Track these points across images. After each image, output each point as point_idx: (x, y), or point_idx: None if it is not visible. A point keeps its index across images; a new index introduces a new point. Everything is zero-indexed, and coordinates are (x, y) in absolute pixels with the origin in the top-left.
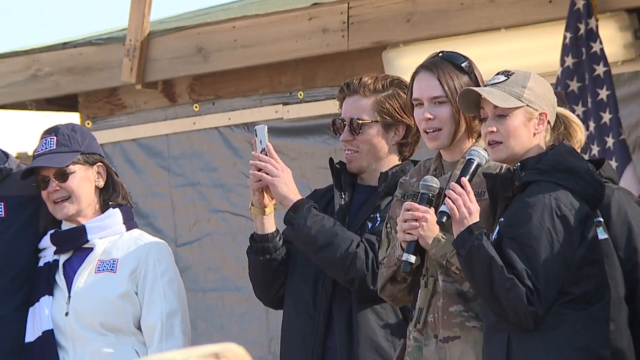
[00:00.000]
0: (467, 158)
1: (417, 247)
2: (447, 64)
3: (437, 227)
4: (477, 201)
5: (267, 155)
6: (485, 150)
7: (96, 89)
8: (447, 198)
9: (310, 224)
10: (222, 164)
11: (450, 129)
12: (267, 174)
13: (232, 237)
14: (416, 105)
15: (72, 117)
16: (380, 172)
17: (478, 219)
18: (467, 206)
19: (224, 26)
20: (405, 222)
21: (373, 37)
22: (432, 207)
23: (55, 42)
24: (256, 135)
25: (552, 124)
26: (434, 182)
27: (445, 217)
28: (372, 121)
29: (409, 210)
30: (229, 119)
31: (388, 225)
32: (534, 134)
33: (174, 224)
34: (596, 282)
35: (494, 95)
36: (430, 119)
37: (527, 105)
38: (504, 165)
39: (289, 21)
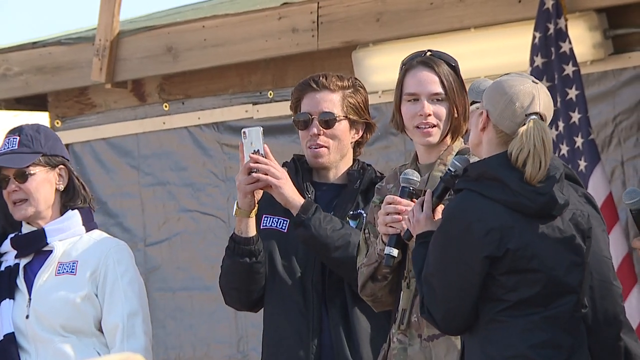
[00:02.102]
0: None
1: (398, 241)
2: (443, 62)
3: None
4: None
5: (263, 157)
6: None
7: (66, 89)
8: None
9: (324, 224)
10: (192, 164)
11: (445, 127)
12: (269, 175)
13: (201, 236)
14: (409, 100)
15: (42, 117)
16: (348, 170)
17: (425, 228)
18: (416, 217)
19: (193, 26)
20: (388, 215)
21: (343, 36)
22: (414, 200)
23: (25, 41)
24: (245, 137)
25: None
26: (415, 176)
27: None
28: (342, 116)
29: (391, 204)
30: (199, 118)
31: (366, 231)
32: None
33: (144, 224)
34: (543, 287)
35: None
36: (430, 114)
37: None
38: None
39: (259, 21)
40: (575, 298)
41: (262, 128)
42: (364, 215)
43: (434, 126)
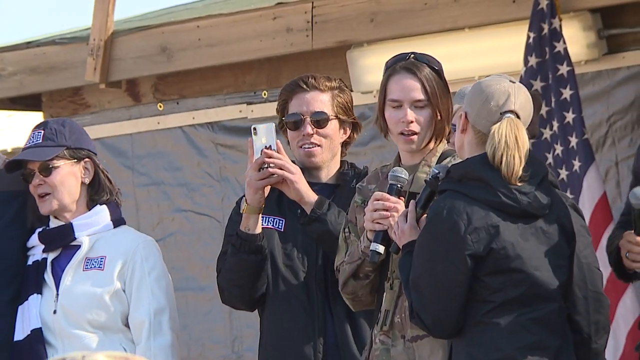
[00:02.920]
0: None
1: (385, 237)
2: (426, 67)
3: None
4: None
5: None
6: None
7: (60, 89)
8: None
9: (340, 219)
10: (186, 164)
11: (427, 133)
12: (284, 170)
13: (196, 236)
14: (393, 106)
15: (36, 117)
16: (341, 170)
17: (410, 238)
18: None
19: (188, 25)
20: (376, 211)
21: (337, 36)
22: (401, 198)
23: (19, 41)
24: (255, 134)
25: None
26: (403, 173)
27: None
28: (333, 116)
29: (379, 200)
30: (193, 118)
31: (346, 230)
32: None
33: (138, 224)
34: (528, 288)
35: None
36: (412, 121)
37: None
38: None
39: (253, 21)
40: (560, 300)
41: (274, 124)
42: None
43: (416, 133)
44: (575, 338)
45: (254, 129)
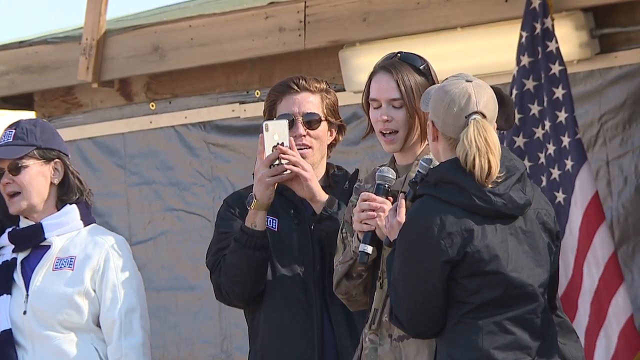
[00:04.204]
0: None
1: (373, 238)
2: (405, 65)
3: None
4: None
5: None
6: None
7: (52, 88)
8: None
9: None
10: (178, 163)
11: (406, 132)
12: (298, 167)
13: (186, 235)
14: (374, 107)
15: (28, 116)
16: (332, 172)
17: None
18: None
19: (180, 25)
20: (363, 212)
21: (329, 36)
22: (389, 198)
23: (11, 40)
24: (266, 130)
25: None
26: (390, 173)
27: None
28: (323, 117)
29: (366, 201)
30: (186, 117)
31: (344, 230)
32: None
33: (129, 223)
34: (505, 289)
35: None
36: (387, 120)
37: None
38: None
39: (246, 20)
40: (541, 298)
41: (287, 121)
42: None
43: (395, 132)
44: None
45: (266, 125)
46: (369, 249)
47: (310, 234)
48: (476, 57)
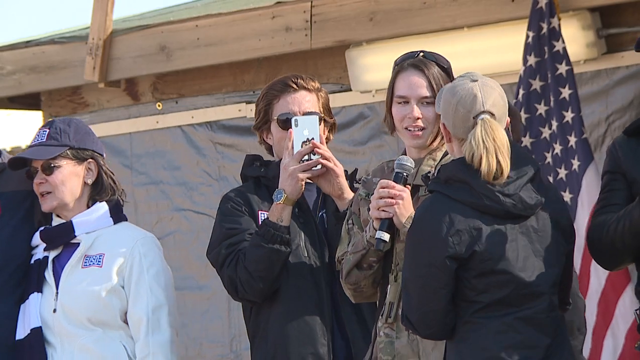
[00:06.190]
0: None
1: (390, 226)
2: (434, 65)
3: (412, 206)
4: None
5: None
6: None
7: (59, 88)
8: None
9: None
10: (185, 163)
11: (434, 129)
12: (331, 162)
13: (194, 235)
14: (400, 102)
15: (35, 116)
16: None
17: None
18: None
19: (187, 25)
20: (381, 199)
21: (336, 36)
22: (407, 186)
23: (18, 40)
24: (296, 125)
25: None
26: (409, 162)
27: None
28: (320, 116)
29: (384, 188)
30: (192, 117)
31: (350, 222)
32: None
33: (136, 223)
34: (514, 289)
35: None
36: (419, 117)
37: None
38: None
39: (252, 20)
40: (551, 298)
41: (318, 116)
42: None
43: (423, 129)
44: None
45: (295, 120)
46: (386, 236)
47: (316, 232)
48: (483, 57)
